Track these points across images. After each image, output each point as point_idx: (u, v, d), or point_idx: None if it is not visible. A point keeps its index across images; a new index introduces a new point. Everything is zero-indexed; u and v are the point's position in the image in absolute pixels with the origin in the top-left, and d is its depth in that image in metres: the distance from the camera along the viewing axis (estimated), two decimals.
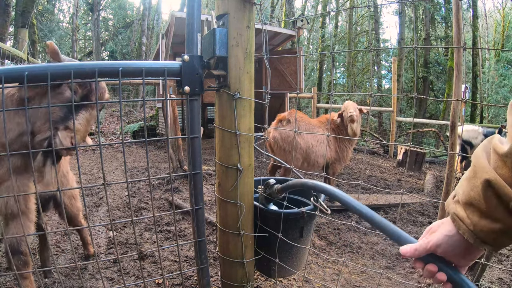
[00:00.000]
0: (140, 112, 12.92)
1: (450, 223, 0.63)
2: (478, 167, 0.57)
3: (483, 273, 2.09)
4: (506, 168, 0.53)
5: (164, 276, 1.95)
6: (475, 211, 0.57)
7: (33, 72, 0.99)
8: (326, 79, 18.44)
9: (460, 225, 0.60)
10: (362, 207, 0.86)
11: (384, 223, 0.79)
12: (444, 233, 0.63)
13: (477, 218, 0.57)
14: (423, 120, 8.58)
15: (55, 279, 1.91)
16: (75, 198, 2.01)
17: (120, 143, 5.85)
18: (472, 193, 0.57)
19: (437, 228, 0.66)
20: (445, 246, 0.63)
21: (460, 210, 0.60)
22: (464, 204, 0.59)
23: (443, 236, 0.63)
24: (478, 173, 0.57)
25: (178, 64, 1.12)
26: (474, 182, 0.57)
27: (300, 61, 7.00)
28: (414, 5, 12.33)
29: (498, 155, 0.55)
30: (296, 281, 2.05)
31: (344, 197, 0.92)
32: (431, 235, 0.66)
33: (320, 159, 3.45)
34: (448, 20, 13.04)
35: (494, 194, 0.54)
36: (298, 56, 6.28)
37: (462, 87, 2.94)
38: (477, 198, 0.57)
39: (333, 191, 0.99)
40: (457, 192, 0.63)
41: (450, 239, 0.62)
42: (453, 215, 0.62)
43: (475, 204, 0.57)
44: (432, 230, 0.67)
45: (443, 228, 0.64)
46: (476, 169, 0.58)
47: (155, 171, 4.84)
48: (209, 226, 2.70)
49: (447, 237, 0.62)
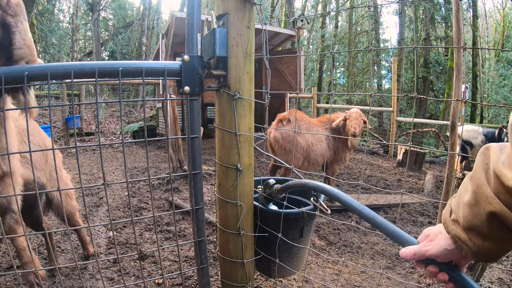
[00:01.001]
0: (140, 112, 12.92)
1: (450, 238, 0.62)
2: (480, 195, 0.55)
3: (483, 273, 2.09)
4: (509, 196, 0.51)
5: (164, 276, 1.95)
6: (478, 236, 0.56)
7: (33, 72, 0.99)
8: (326, 79, 18.44)
9: (462, 247, 0.59)
10: (362, 207, 0.86)
11: (384, 224, 0.79)
12: (444, 247, 0.63)
13: (481, 242, 0.56)
14: (423, 120, 8.58)
15: (55, 278, 1.91)
16: (70, 197, 2.00)
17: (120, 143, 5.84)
18: (475, 221, 0.56)
19: (435, 237, 0.66)
20: (444, 257, 0.64)
21: (461, 233, 0.59)
22: (466, 229, 0.58)
23: (443, 250, 0.63)
24: (481, 203, 0.55)
25: (178, 64, 1.12)
26: (477, 211, 0.55)
27: (300, 61, 7.00)
28: (414, 5, 12.34)
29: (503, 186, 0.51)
30: (296, 281, 2.05)
31: (344, 197, 0.92)
32: (430, 244, 0.65)
33: (320, 158, 3.46)
34: (448, 20, 13.04)
35: (500, 223, 0.53)
36: (298, 56, 6.28)
37: (462, 87, 2.94)
38: (480, 226, 0.55)
39: (334, 191, 0.99)
40: (455, 212, 0.61)
41: (450, 252, 0.62)
42: (454, 237, 0.61)
43: (478, 230, 0.56)
44: (430, 238, 0.67)
45: (443, 241, 0.63)
46: (478, 198, 0.55)
47: (155, 171, 4.84)
48: (209, 226, 2.70)
49: (447, 251, 0.62)
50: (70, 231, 2.29)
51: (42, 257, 2.21)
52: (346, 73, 17.79)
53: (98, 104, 1.04)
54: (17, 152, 1.34)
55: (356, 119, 3.33)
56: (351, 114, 3.38)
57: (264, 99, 1.46)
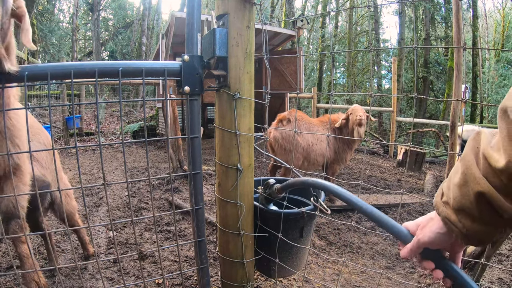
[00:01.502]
0: (140, 112, 12.93)
1: (441, 221, 0.63)
2: (469, 176, 0.56)
3: (483, 273, 2.09)
4: (497, 178, 0.52)
5: (164, 276, 1.95)
6: (468, 217, 0.57)
7: (33, 72, 0.99)
8: (326, 79, 18.44)
9: (452, 228, 0.60)
10: (362, 202, 0.88)
11: (383, 218, 0.80)
12: (436, 231, 0.63)
13: (470, 223, 0.57)
14: (423, 120, 8.57)
15: (55, 278, 1.91)
16: (70, 197, 2.00)
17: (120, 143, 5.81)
18: (464, 201, 0.57)
19: (426, 223, 0.66)
20: (437, 242, 0.64)
21: (451, 214, 0.60)
22: (456, 210, 0.59)
23: (435, 234, 0.64)
24: (469, 183, 0.56)
25: (178, 64, 1.12)
26: (466, 191, 0.56)
27: (300, 61, 7.00)
28: (414, 5, 12.33)
29: (491, 168, 0.52)
30: (296, 281, 2.05)
31: (344, 193, 0.93)
32: (421, 232, 0.66)
33: (320, 158, 3.46)
34: (448, 20, 13.04)
35: (488, 204, 0.54)
36: (298, 56, 6.28)
37: (462, 87, 2.94)
38: (469, 206, 0.56)
39: (333, 187, 1.00)
40: (446, 194, 0.62)
41: (442, 236, 0.63)
42: (444, 219, 0.61)
43: (467, 211, 0.57)
44: (422, 226, 0.67)
45: (434, 225, 0.64)
46: (467, 178, 0.56)
47: (155, 171, 4.84)
48: (209, 226, 2.70)
49: (439, 234, 0.63)
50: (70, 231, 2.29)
51: (42, 257, 2.21)
52: (346, 73, 17.79)
53: (98, 104, 1.04)
54: (16, 152, 1.34)
55: (359, 111, 3.36)
56: (353, 109, 3.41)
57: (264, 99, 1.46)
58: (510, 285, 2.21)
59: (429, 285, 2.12)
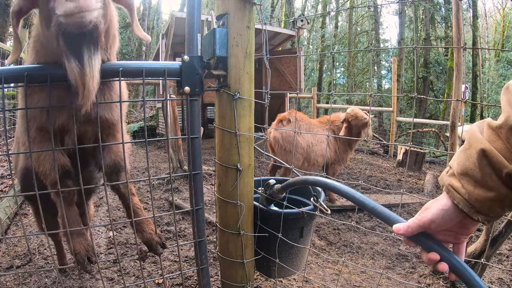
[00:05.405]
0: (140, 112, 12.92)
1: (445, 197, 0.64)
2: (473, 139, 0.60)
3: (483, 273, 2.09)
4: (499, 141, 0.57)
5: (164, 276, 1.95)
6: (470, 180, 0.59)
7: (32, 73, 0.99)
8: (326, 79, 18.43)
9: (454, 195, 0.61)
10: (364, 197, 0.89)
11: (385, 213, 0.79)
12: (439, 208, 0.63)
13: (472, 188, 0.59)
14: (423, 120, 8.58)
15: (55, 278, 1.91)
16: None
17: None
18: (468, 163, 0.60)
19: (430, 205, 0.66)
20: (439, 221, 0.63)
21: (455, 181, 0.62)
22: (459, 175, 0.61)
23: (438, 211, 0.63)
24: (473, 144, 0.60)
25: (178, 64, 1.12)
26: (470, 153, 0.60)
27: (300, 61, 7.00)
28: (414, 5, 12.34)
29: (491, 129, 0.58)
30: (296, 281, 2.05)
31: (345, 189, 0.96)
32: (425, 212, 0.66)
33: (320, 159, 3.46)
34: (448, 20, 13.04)
35: (489, 162, 0.57)
36: (298, 56, 6.28)
37: (462, 87, 2.94)
38: (472, 168, 0.59)
39: (334, 184, 1.01)
40: (452, 165, 0.64)
41: (445, 213, 0.63)
42: (447, 187, 0.63)
43: (470, 174, 0.59)
44: (426, 207, 0.67)
45: (438, 203, 0.65)
46: (471, 141, 0.61)
47: (155, 171, 4.84)
48: (209, 226, 2.70)
49: (442, 211, 0.63)
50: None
51: (42, 257, 2.21)
52: (346, 73, 17.80)
53: (98, 104, 1.04)
54: (16, 153, 1.34)
55: (360, 113, 3.40)
56: (354, 113, 3.40)
57: (264, 99, 1.47)
58: (510, 285, 2.21)
59: (429, 285, 2.12)
